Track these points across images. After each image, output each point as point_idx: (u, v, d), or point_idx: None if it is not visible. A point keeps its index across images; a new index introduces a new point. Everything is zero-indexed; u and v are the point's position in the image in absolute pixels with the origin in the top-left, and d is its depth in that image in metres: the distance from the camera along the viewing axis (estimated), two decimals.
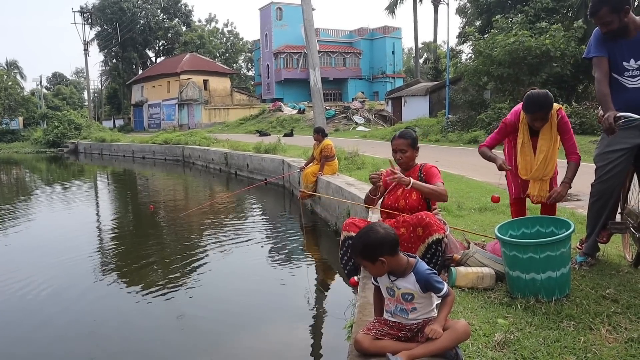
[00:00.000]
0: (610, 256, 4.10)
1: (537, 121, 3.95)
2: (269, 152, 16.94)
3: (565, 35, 18.56)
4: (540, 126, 3.98)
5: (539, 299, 3.18)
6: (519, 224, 3.74)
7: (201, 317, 5.77)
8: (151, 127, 49.61)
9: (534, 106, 3.90)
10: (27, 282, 7.00)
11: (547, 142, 3.99)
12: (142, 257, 8.40)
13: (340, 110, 36.29)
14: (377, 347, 2.49)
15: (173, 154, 26.46)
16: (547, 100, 3.88)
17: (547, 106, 3.89)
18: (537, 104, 3.88)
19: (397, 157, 3.96)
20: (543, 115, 3.92)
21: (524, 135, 4.07)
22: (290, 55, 55.38)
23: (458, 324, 2.45)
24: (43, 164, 30.24)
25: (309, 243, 9.37)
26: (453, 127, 21.94)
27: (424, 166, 3.94)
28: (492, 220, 5.67)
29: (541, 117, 3.92)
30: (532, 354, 2.53)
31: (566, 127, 4.01)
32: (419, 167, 3.96)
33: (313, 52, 15.77)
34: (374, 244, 2.47)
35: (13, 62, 68.84)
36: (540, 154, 3.99)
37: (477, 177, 9.52)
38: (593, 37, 3.70)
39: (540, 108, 3.89)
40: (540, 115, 3.92)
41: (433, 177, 3.83)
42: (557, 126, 3.98)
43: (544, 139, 4.00)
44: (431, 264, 3.46)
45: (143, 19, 58.87)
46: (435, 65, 48.95)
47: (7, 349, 5.08)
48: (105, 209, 14.30)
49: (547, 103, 3.88)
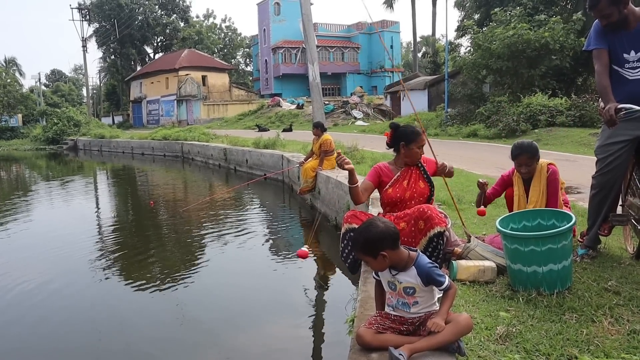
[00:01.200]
0: (612, 248, 4.10)
1: (522, 166, 4.09)
2: (268, 148, 16.94)
3: (564, 28, 18.52)
4: (526, 173, 4.10)
5: (540, 291, 3.18)
6: (520, 217, 3.73)
7: (201, 312, 5.77)
8: (150, 124, 49.54)
9: (516, 149, 4.10)
10: (27, 278, 6.98)
11: (536, 193, 4.09)
12: (142, 252, 8.41)
13: (339, 105, 36.21)
14: (379, 341, 2.49)
15: (172, 150, 26.43)
16: (530, 145, 4.09)
17: (530, 150, 4.04)
18: (520, 148, 4.08)
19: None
20: (526, 161, 4.04)
21: (518, 188, 4.21)
22: (288, 50, 55.29)
23: (460, 317, 2.45)
24: (43, 161, 30.20)
25: (308, 238, 9.37)
26: (452, 120, 21.91)
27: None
28: (492, 213, 5.64)
29: (524, 161, 4.05)
30: (534, 346, 2.53)
31: (553, 184, 4.07)
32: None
33: (312, 47, 15.72)
34: (375, 239, 2.47)
35: (11, 59, 68.86)
36: (530, 204, 4.07)
37: (477, 171, 9.52)
38: (593, 29, 3.69)
39: (522, 151, 4.05)
40: (524, 160, 4.05)
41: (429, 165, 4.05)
42: (546, 179, 4.07)
43: (534, 190, 4.11)
44: (432, 258, 3.44)
45: (141, 15, 58.72)
46: (433, 59, 48.90)
47: (8, 344, 5.08)
48: (105, 205, 14.30)
49: (530, 148, 4.06)
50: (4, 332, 5.41)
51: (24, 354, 4.96)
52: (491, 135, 17.52)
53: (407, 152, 3.89)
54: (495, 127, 17.83)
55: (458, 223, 4.94)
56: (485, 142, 16.75)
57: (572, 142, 13.85)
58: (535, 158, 4.06)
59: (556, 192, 4.08)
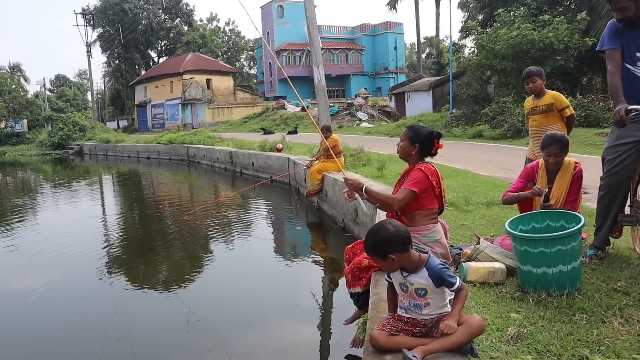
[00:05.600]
0: (620, 249, 4.11)
1: (551, 157, 4.07)
2: (273, 150, 16.98)
3: (569, 28, 18.48)
4: (554, 164, 4.08)
5: (550, 292, 3.20)
6: (528, 219, 3.75)
7: (208, 313, 5.81)
8: (155, 127, 49.69)
9: (548, 139, 4.09)
10: (35, 280, 7.06)
11: (559, 188, 4.09)
12: (149, 255, 8.47)
13: (344, 107, 36.25)
14: (393, 343, 2.52)
15: (178, 154, 26.52)
16: (562, 137, 4.09)
17: (562, 142, 4.04)
18: (552, 138, 4.07)
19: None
20: (556, 151, 4.04)
21: (542, 182, 4.19)
22: (292, 53, 55.35)
23: (472, 318, 2.47)
24: (49, 166, 30.36)
25: (315, 240, 9.41)
26: (457, 121, 21.90)
27: (413, 168, 3.49)
28: (500, 214, 5.68)
29: (554, 152, 4.04)
30: (545, 347, 2.55)
31: (577, 183, 4.09)
32: (410, 168, 3.55)
33: (316, 50, 15.78)
34: (384, 242, 2.51)
35: (16, 65, 69.33)
36: (552, 198, 4.07)
37: (484, 172, 9.53)
38: (607, 29, 3.72)
39: (554, 141, 4.04)
40: (554, 150, 4.04)
41: (406, 182, 3.42)
42: (571, 176, 4.07)
43: (557, 184, 4.10)
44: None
45: (145, 19, 58.93)
46: (437, 60, 48.89)
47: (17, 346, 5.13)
48: (112, 208, 14.36)
49: (562, 139, 4.06)
50: (12, 333, 5.46)
51: (33, 355, 5.01)
52: (497, 136, 17.51)
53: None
54: (500, 127, 17.82)
55: (467, 225, 4.97)
56: (490, 143, 16.74)
57: (577, 142, 13.81)
58: (565, 151, 4.07)
59: (578, 190, 4.09)
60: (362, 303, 3.77)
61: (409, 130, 3.53)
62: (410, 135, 3.50)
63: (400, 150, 3.57)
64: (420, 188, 3.34)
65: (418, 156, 3.51)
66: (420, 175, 3.37)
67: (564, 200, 4.04)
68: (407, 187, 3.34)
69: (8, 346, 5.21)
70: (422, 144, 3.48)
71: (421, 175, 3.37)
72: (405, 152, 3.54)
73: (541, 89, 5.37)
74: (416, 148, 3.48)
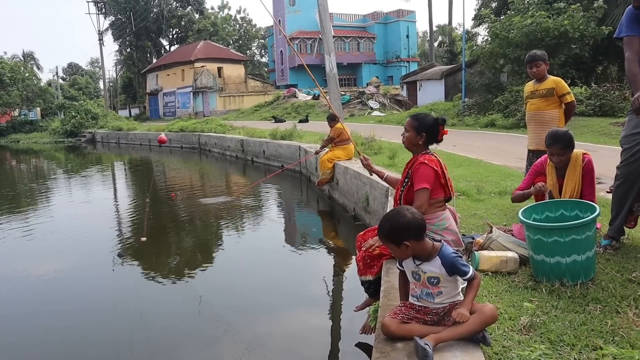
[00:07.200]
0: (635, 239, 4.06)
1: (554, 156, 4.02)
2: (285, 139, 16.97)
3: (585, 16, 18.19)
4: (558, 162, 4.03)
5: (564, 282, 3.18)
6: (542, 208, 3.71)
7: (219, 302, 5.85)
8: (167, 115, 49.86)
9: (549, 139, 4.03)
10: (47, 267, 7.15)
11: (571, 184, 4.03)
12: (161, 243, 8.53)
13: (355, 96, 36.09)
14: (405, 331, 2.52)
15: (189, 142, 26.60)
16: (565, 135, 3.99)
17: (563, 141, 3.96)
18: (553, 137, 4.01)
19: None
20: (559, 151, 3.98)
21: (551, 178, 4.13)
22: (304, 41, 55.17)
23: (485, 307, 2.46)
24: (62, 154, 30.59)
25: (326, 228, 9.41)
26: (469, 110, 21.72)
27: (416, 162, 3.44)
28: (512, 204, 5.60)
29: (557, 152, 3.99)
30: (558, 337, 2.54)
31: (590, 174, 4.02)
32: (414, 161, 3.49)
33: (328, 38, 15.68)
34: (400, 228, 2.49)
35: (29, 53, 69.62)
36: (566, 194, 4.01)
37: (496, 161, 9.46)
38: (625, 16, 3.65)
39: (555, 141, 3.98)
40: (556, 150, 3.99)
41: (416, 182, 3.38)
42: (581, 169, 4.01)
43: (569, 180, 4.04)
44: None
45: (156, 7, 58.86)
46: (450, 48, 48.44)
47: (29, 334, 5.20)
48: (124, 196, 14.47)
49: (564, 137, 3.97)
50: (25, 322, 5.53)
51: (46, 338, 5.08)
52: (509, 125, 17.35)
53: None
54: (513, 116, 17.64)
55: (479, 214, 4.94)
56: (503, 132, 16.61)
57: (592, 131, 13.66)
58: (569, 148, 3.98)
59: (592, 182, 4.03)
60: (373, 291, 3.78)
61: (414, 120, 3.49)
62: (415, 125, 3.46)
63: (406, 140, 3.54)
64: (431, 182, 3.34)
65: (425, 145, 3.49)
66: (426, 170, 3.35)
67: (578, 195, 3.98)
68: (420, 187, 3.33)
69: (22, 330, 5.29)
70: (429, 133, 3.44)
71: (428, 170, 3.35)
72: (411, 142, 3.50)
73: (544, 74, 5.28)
74: (423, 137, 3.45)
